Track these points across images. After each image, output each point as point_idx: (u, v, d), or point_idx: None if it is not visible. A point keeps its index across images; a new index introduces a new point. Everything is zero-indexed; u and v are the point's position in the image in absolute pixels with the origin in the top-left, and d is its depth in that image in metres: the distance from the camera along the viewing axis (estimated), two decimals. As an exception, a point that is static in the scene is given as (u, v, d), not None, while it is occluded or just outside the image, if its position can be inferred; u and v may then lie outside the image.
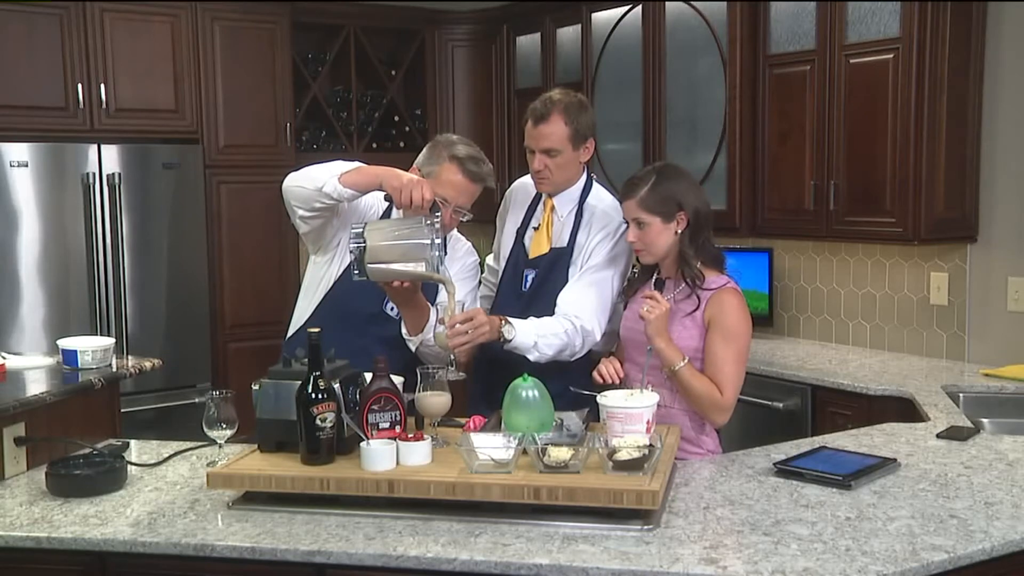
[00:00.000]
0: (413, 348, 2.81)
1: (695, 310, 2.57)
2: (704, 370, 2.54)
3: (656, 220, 2.57)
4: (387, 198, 2.64)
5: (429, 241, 2.51)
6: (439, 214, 2.57)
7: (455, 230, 2.92)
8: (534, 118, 2.88)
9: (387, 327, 2.80)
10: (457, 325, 2.53)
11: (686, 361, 2.50)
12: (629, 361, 2.69)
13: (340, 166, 2.66)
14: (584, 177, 2.99)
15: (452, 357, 2.59)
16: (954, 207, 3.81)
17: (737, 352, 2.54)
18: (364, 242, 2.52)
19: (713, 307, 2.55)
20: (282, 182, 2.74)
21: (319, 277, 2.90)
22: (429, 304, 2.73)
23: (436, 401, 2.36)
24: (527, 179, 3.12)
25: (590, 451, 2.14)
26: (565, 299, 2.82)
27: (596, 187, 3.00)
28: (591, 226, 2.91)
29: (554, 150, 2.86)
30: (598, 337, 2.83)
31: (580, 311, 2.79)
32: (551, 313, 2.82)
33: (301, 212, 2.72)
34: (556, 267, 2.91)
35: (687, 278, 2.58)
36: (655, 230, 2.58)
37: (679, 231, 2.58)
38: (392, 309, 2.82)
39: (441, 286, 2.63)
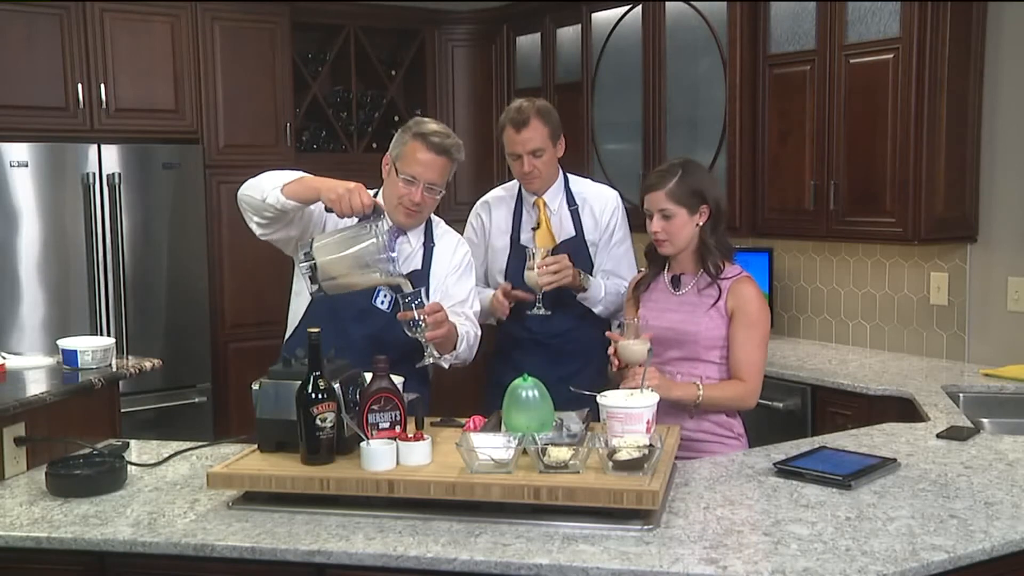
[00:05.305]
0: (446, 366, 2.76)
1: (717, 300, 2.67)
2: (729, 358, 2.66)
3: (683, 212, 2.66)
4: (327, 209, 2.60)
5: (376, 244, 2.50)
6: (384, 216, 2.57)
7: (442, 223, 2.97)
8: (515, 126, 3.11)
9: (374, 323, 2.76)
10: (547, 266, 2.92)
11: (702, 388, 2.61)
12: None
13: (284, 176, 2.64)
14: (560, 171, 3.27)
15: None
16: (954, 207, 3.81)
17: (760, 337, 2.68)
18: (314, 259, 2.50)
19: (734, 297, 2.67)
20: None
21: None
22: (454, 324, 2.68)
23: (638, 349, 2.53)
24: (489, 196, 3.35)
25: (590, 451, 2.14)
26: (607, 265, 3.23)
27: (571, 176, 3.28)
28: (592, 209, 3.21)
29: (539, 149, 3.13)
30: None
31: (625, 276, 3.18)
32: (573, 304, 3.15)
33: (256, 220, 2.71)
34: (572, 257, 3.07)
35: (710, 267, 2.69)
36: (680, 221, 2.67)
37: (700, 223, 2.68)
38: (381, 302, 2.79)
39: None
